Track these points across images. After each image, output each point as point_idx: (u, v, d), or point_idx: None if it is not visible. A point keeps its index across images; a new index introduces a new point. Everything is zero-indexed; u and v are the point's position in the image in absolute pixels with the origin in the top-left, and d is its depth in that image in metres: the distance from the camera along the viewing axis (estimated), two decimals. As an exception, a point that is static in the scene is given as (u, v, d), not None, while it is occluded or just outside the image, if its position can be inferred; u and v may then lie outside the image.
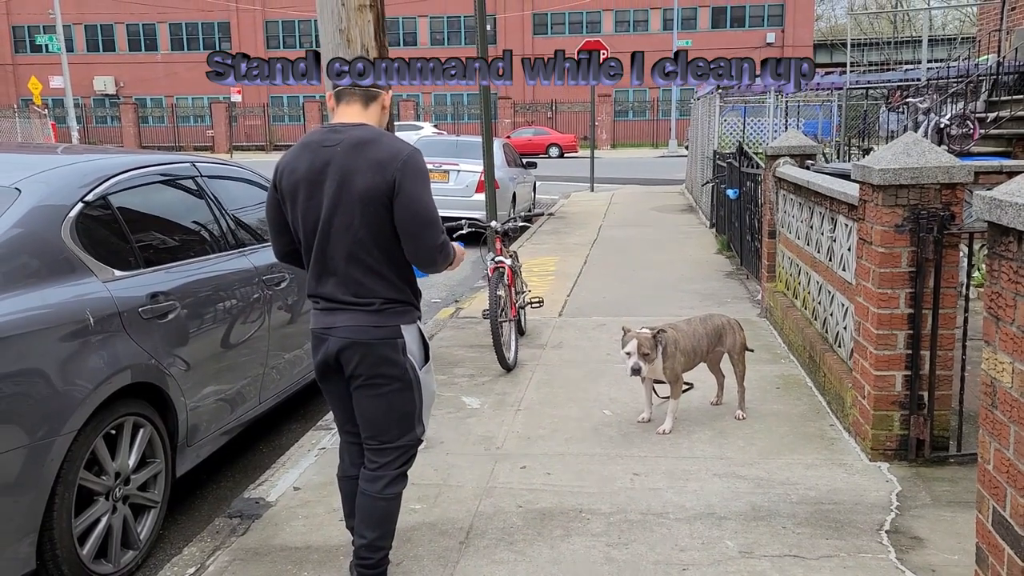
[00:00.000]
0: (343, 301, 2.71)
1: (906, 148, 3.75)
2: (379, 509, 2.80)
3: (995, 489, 2.51)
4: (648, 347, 4.28)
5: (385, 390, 2.74)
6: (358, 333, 2.69)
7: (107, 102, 46.45)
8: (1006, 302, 2.40)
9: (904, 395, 3.89)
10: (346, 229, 2.65)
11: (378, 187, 2.63)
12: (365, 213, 2.64)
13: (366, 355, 2.70)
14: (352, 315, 2.70)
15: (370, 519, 2.79)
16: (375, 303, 2.70)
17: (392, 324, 2.72)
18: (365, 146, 2.67)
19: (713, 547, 3.24)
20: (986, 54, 13.46)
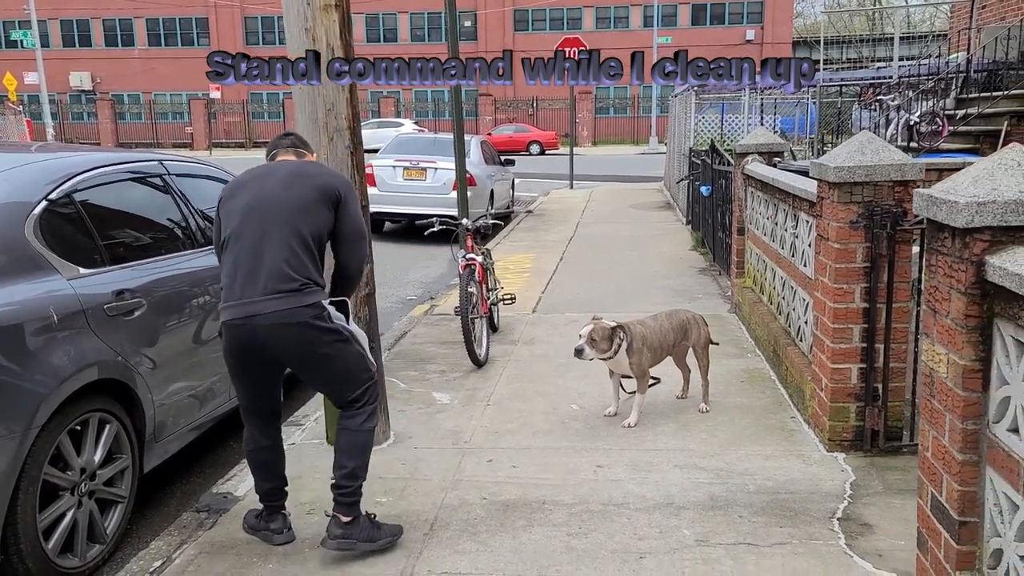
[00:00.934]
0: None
1: (860, 146, 3.85)
2: (359, 440, 3.19)
3: (933, 475, 2.60)
4: (600, 336, 4.36)
5: (333, 345, 3.08)
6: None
7: (83, 98, 46.02)
8: (942, 295, 2.49)
9: (860, 387, 3.99)
10: (283, 224, 3.02)
11: (332, 190, 3.11)
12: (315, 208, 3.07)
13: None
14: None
15: (352, 450, 3.17)
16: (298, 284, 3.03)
17: (316, 300, 3.05)
18: (307, 166, 3.20)
19: (670, 536, 3.32)
20: (957, 52, 13.67)
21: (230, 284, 2.99)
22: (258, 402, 3.20)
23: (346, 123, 4.03)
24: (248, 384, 3.16)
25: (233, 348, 3.03)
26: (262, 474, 3.29)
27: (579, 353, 4.38)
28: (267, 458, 3.28)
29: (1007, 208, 2.22)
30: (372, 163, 12.81)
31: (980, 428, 2.38)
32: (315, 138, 4.00)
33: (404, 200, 12.30)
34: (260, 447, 3.26)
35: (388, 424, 4.45)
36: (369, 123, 37.76)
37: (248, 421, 3.25)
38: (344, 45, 3.98)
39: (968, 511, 2.43)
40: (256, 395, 3.19)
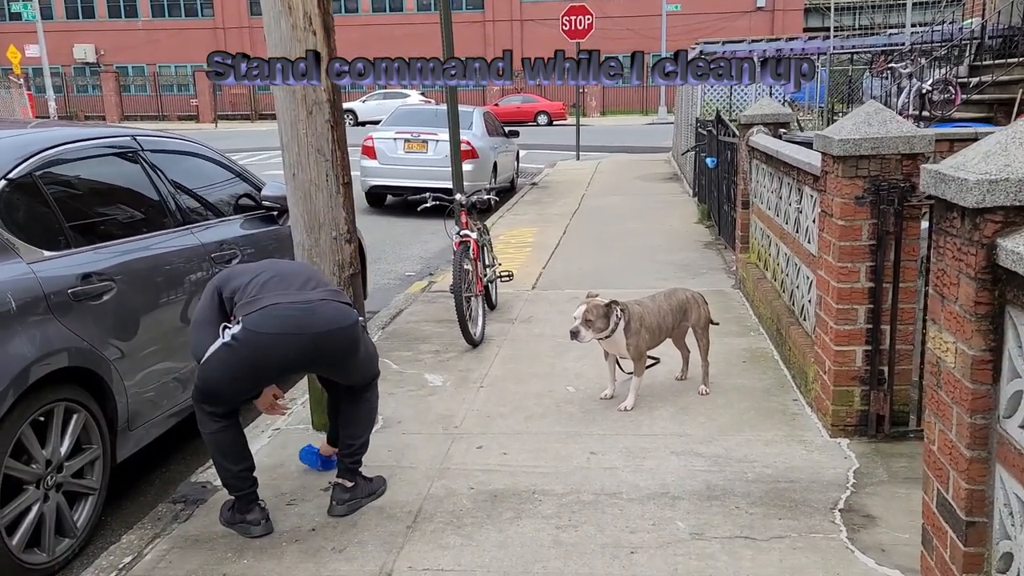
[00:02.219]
0: None
1: (867, 117, 3.64)
2: (371, 411, 3.46)
3: (939, 471, 2.44)
4: (595, 315, 4.19)
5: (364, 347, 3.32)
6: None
7: (88, 71, 45.67)
8: (950, 280, 2.31)
9: (864, 370, 3.82)
10: None
11: None
12: None
13: None
14: None
15: (364, 420, 3.42)
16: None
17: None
18: None
19: (664, 528, 3.18)
20: (971, 17, 13.27)
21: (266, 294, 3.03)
22: (235, 403, 3.17)
23: (326, 95, 3.84)
24: (242, 387, 3.13)
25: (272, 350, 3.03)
26: (231, 456, 3.16)
27: (575, 335, 4.22)
28: (233, 435, 3.15)
29: (1021, 186, 2.02)
30: (372, 135, 12.61)
31: (990, 423, 2.21)
32: (293, 111, 3.82)
33: (405, 173, 12.09)
34: (225, 426, 3.12)
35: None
36: (375, 95, 37.39)
37: (207, 411, 3.11)
38: (322, 12, 3.79)
39: (976, 511, 2.27)
40: (241, 396, 3.18)
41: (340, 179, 3.94)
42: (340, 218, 3.96)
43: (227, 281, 3.15)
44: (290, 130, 3.86)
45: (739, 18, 40.93)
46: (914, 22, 15.27)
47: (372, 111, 34.12)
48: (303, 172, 3.88)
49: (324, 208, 3.92)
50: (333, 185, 3.92)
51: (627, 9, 41.23)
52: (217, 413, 3.10)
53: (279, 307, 2.97)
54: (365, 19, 43.87)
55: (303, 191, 3.91)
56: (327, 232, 3.94)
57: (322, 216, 3.92)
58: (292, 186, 3.93)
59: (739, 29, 38.16)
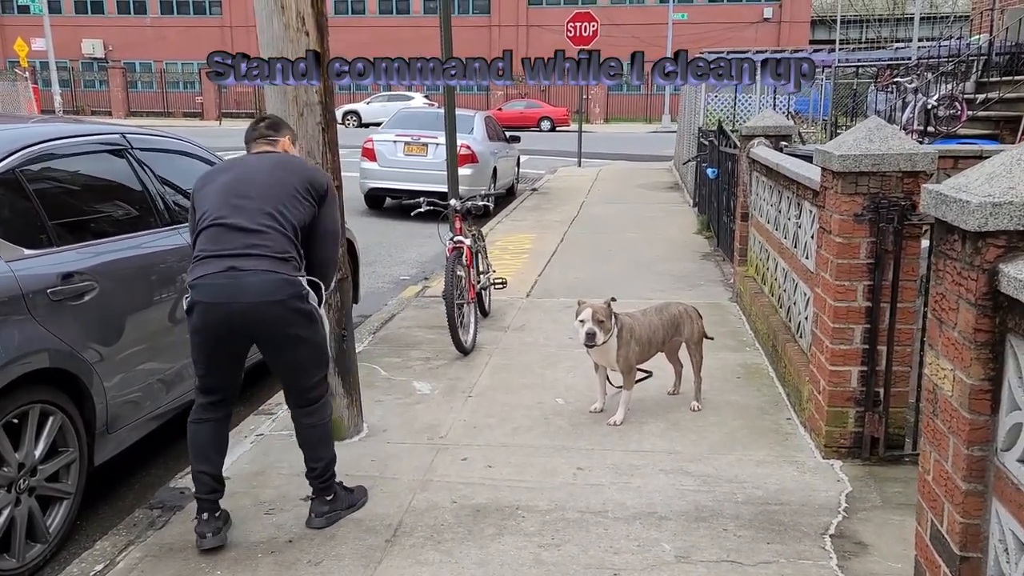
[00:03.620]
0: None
1: (868, 133, 3.56)
2: (323, 433, 3.26)
3: (933, 502, 2.36)
4: (603, 314, 4.12)
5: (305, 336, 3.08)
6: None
7: (95, 66, 45.66)
8: (949, 305, 2.23)
9: (860, 391, 3.74)
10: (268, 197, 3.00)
11: (318, 185, 3.12)
12: (301, 197, 3.05)
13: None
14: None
15: (319, 444, 3.25)
16: (282, 255, 3.01)
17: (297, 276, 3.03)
18: (293, 159, 3.22)
19: (649, 550, 3.09)
20: (979, 34, 13.21)
21: (204, 259, 2.93)
22: (214, 379, 3.12)
23: (317, 97, 3.78)
24: (207, 360, 3.08)
25: (202, 320, 2.97)
26: (194, 453, 3.13)
27: (591, 337, 4.09)
28: (206, 435, 3.12)
29: (1026, 210, 1.95)
30: (373, 138, 12.55)
31: (987, 456, 2.13)
32: (284, 113, 3.75)
33: (404, 176, 12.02)
34: (202, 419, 3.13)
35: (361, 417, 4.24)
36: (379, 96, 37.35)
37: (199, 393, 3.15)
38: (316, 13, 3.72)
39: (971, 546, 2.19)
40: (213, 372, 3.10)
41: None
42: (329, 222, 3.88)
43: (195, 197, 3.10)
44: (280, 131, 3.78)
45: (745, 29, 40.89)
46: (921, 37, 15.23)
47: (376, 113, 34.08)
48: (293, 174, 3.80)
49: (313, 211, 3.83)
50: (323, 188, 3.84)
51: (633, 17, 41.20)
52: (204, 401, 3.12)
53: (208, 277, 2.90)
54: (372, 21, 43.88)
55: (292, 194, 3.82)
56: (316, 236, 3.86)
57: (311, 220, 3.84)
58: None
59: (745, 40, 38.15)
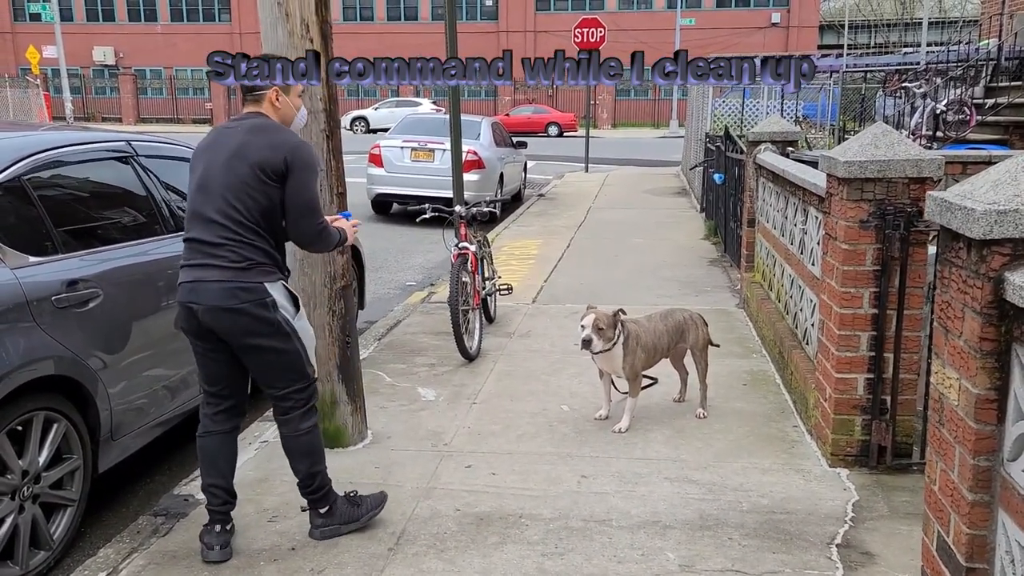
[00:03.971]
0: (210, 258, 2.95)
1: (874, 139, 3.54)
2: (302, 444, 3.14)
3: (940, 512, 2.33)
4: (605, 323, 4.09)
5: (265, 344, 2.97)
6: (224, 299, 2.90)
7: (106, 72, 45.99)
8: (955, 313, 2.21)
9: (866, 399, 3.71)
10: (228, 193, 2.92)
11: (271, 163, 2.91)
12: (255, 182, 2.91)
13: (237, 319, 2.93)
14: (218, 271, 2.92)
15: (297, 454, 3.15)
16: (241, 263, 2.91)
17: (258, 282, 2.93)
18: (260, 130, 3.01)
19: (652, 559, 3.07)
20: (988, 38, 13.14)
21: (183, 267, 2.98)
22: (214, 384, 3.11)
23: (322, 104, 3.79)
24: (202, 363, 3.10)
25: (181, 321, 3.05)
26: (203, 465, 3.15)
27: (587, 344, 4.08)
28: (213, 447, 3.12)
29: (1032, 218, 1.93)
30: (380, 143, 12.59)
31: (993, 466, 2.11)
32: (288, 120, 3.76)
33: (411, 182, 12.03)
34: (209, 432, 3.13)
35: (365, 424, 4.23)
36: (387, 102, 37.48)
37: (203, 402, 3.16)
38: (320, 21, 3.74)
39: (977, 557, 2.16)
40: (210, 376, 3.10)
41: (334, 189, 3.88)
42: (333, 229, 3.88)
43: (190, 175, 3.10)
44: (285, 138, 3.79)
45: (753, 34, 40.85)
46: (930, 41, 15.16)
47: (384, 118, 34.17)
48: (297, 181, 3.80)
49: (317, 218, 3.84)
50: (327, 195, 3.84)
51: (640, 22, 41.23)
52: (208, 411, 3.12)
53: (182, 284, 2.95)
54: (380, 27, 44.05)
55: (296, 201, 3.83)
56: (320, 243, 3.86)
57: (315, 226, 3.84)
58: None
59: (753, 45, 38.13)
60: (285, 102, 3.16)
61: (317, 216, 3.01)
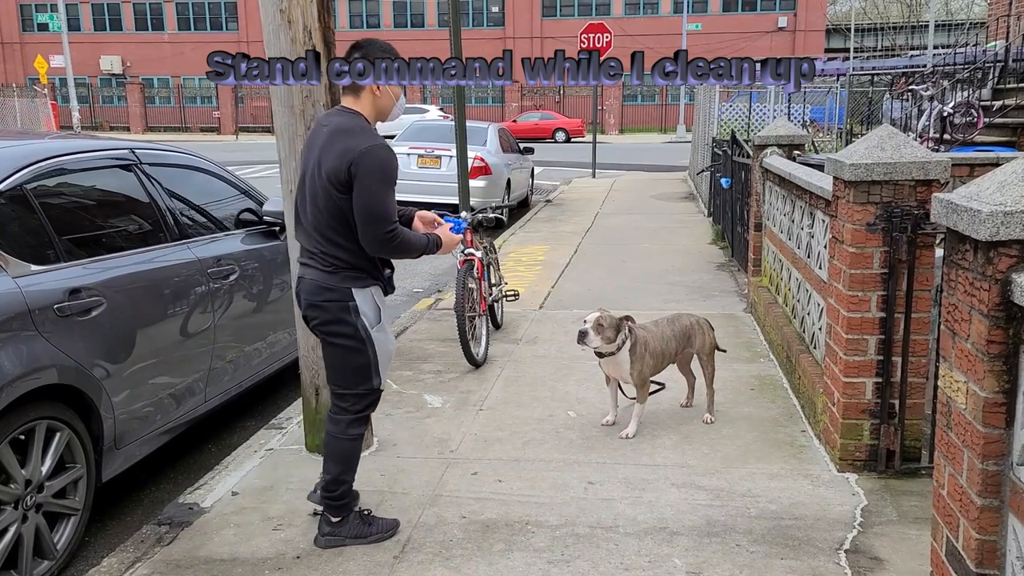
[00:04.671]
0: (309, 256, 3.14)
1: (880, 142, 3.52)
2: (342, 448, 3.19)
3: (948, 517, 2.30)
4: (607, 323, 4.07)
5: (339, 343, 3.08)
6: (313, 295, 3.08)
7: (114, 82, 46.29)
8: (962, 316, 2.18)
9: (875, 403, 3.67)
10: (313, 200, 3.06)
11: (337, 172, 2.96)
12: (325, 191, 3.00)
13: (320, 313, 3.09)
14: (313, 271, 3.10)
15: (333, 455, 3.20)
16: (328, 267, 3.05)
17: (344, 287, 3.04)
18: (339, 134, 3.05)
19: (660, 566, 3.04)
20: (995, 40, 13.08)
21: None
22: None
23: (324, 111, 3.78)
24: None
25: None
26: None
27: (583, 337, 4.04)
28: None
29: (1039, 219, 1.90)
30: (386, 150, 12.57)
31: (1002, 470, 2.08)
32: (291, 126, 3.77)
33: (417, 188, 12.02)
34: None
35: (371, 431, 4.21)
36: (394, 109, 37.53)
37: None
38: (323, 27, 3.74)
39: (987, 562, 2.13)
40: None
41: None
42: (337, 236, 3.88)
43: None
44: (288, 145, 3.80)
45: (760, 38, 40.79)
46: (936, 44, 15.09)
47: (391, 126, 34.02)
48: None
49: (321, 225, 3.83)
50: (331, 202, 3.83)
51: (647, 27, 41.24)
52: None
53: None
54: (387, 34, 44.20)
55: (300, 207, 3.82)
56: (323, 250, 3.85)
57: (319, 233, 3.83)
58: (289, 202, 3.85)
59: (760, 49, 38.06)
60: (386, 91, 3.20)
61: (384, 223, 2.98)
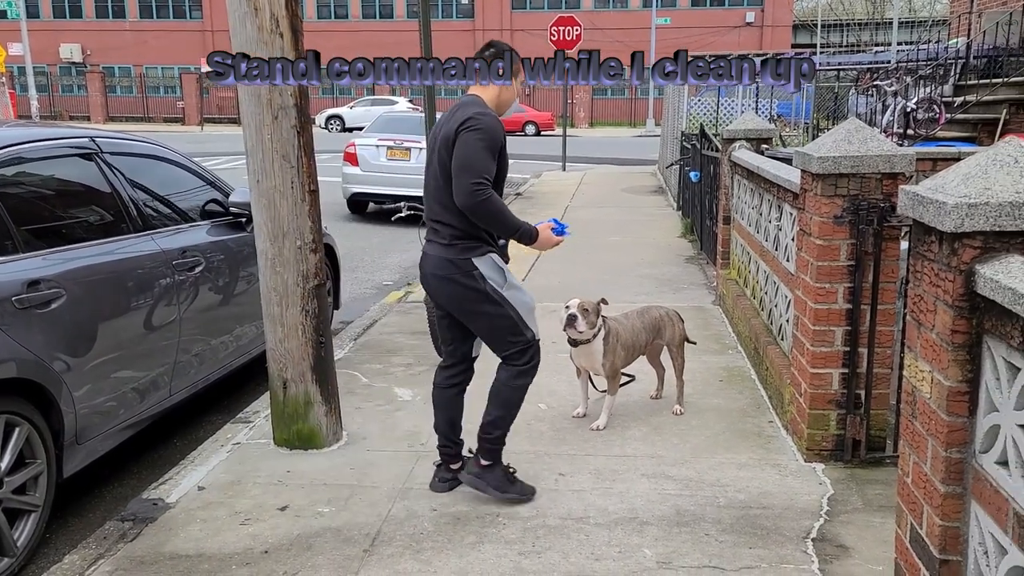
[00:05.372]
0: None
1: (847, 135, 3.56)
2: (506, 393, 3.43)
3: (913, 505, 2.34)
4: (590, 308, 4.08)
5: (479, 310, 3.28)
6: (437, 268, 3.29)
7: (73, 70, 45.30)
8: (927, 306, 2.21)
9: (841, 394, 3.72)
10: (434, 174, 3.26)
11: (448, 136, 3.14)
12: (441, 160, 3.19)
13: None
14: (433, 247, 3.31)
15: (497, 399, 3.44)
16: (446, 241, 3.24)
17: (463, 258, 3.22)
18: (457, 108, 3.25)
19: (630, 556, 3.06)
20: (957, 37, 13.32)
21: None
22: (447, 344, 3.57)
23: (292, 99, 3.73)
24: (438, 325, 3.58)
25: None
26: (437, 417, 3.59)
27: (572, 320, 4.03)
28: (438, 400, 3.57)
29: (1001, 211, 1.93)
30: (355, 142, 12.49)
31: (965, 458, 2.11)
32: (258, 115, 3.71)
33: (387, 181, 11.96)
34: (437, 385, 3.59)
35: (340, 424, 4.18)
36: (363, 100, 37.25)
37: (441, 361, 3.63)
38: (290, 15, 3.68)
39: (950, 549, 2.17)
40: (444, 337, 3.56)
41: (306, 186, 3.82)
42: (305, 227, 3.84)
43: None
44: (255, 135, 3.74)
45: (728, 33, 41.12)
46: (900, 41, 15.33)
47: (359, 117, 33.95)
48: (267, 179, 3.76)
49: (289, 216, 3.79)
50: (299, 192, 3.79)
51: (617, 21, 41.38)
52: (439, 367, 3.61)
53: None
54: (354, 25, 43.82)
55: (267, 198, 3.78)
56: (291, 241, 3.81)
57: (286, 224, 3.79)
58: (256, 193, 3.81)
59: (728, 44, 38.38)
60: (511, 88, 3.35)
61: (474, 174, 3.03)
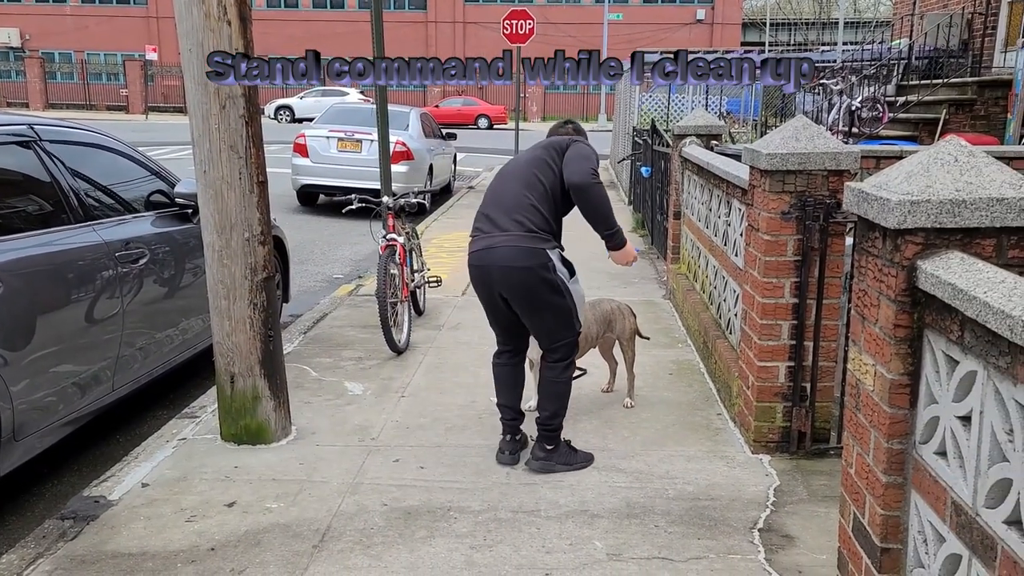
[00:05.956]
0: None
1: (795, 132, 3.62)
2: (558, 389, 3.69)
3: (856, 495, 2.40)
4: None
5: (549, 299, 3.55)
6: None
7: (11, 55, 43.73)
8: (871, 301, 2.27)
9: (787, 387, 3.80)
10: (514, 178, 3.64)
11: (559, 143, 3.66)
12: (540, 160, 3.63)
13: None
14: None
15: (551, 397, 3.69)
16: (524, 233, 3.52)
17: (540, 248, 3.50)
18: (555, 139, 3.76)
19: (581, 548, 3.08)
20: (899, 38, 13.67)
21: (476, 226, 3.60)
22: (504, 331, 3.76)
23: (240, 89, 3.65)
24: (488, 313, 3.73)
25: (474, 282, 3.64)
26: (497, 387, 3.84)
27: None
28: (502, 374, 3.81)
29: (942, 208, 1.99)
30: (305, 133, 12.30)
31: (906, 448, 2.17)
32: (205, 104, 3.62)
33: (337, 172, 11.81)
34: (498, 363, 3.82)
35: (289, 419, 4.12)
36: (313, 91, 36.69)
37: (497, 341, 3.83)
38: (238, 2, 3.60)
39: (891, 537, 2.23)
40: (500, 321, 3.72)
41: (254, 177, 3.75)
42: (254, 219, 3.77)
43: None
44: (201, 124, 3.66)
45: (678, 30, 41.57)
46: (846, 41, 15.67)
47: (310, 108, 33.47)
48: (214, 169, 3.68)
49: (236, 208, 3.72)
50: (247, 183, 3.72)
51: (569, 16, 41.47)
52: (499, 349, 3.82)
53: (474, 242, 3.57)
54: (306, 15, 43.13)
55: (214, 189, 3.70)
56: (239, 233, 3.74)
57: (234, 216, 3.72)
58: (203, 183, 3.72)
59: (679, 41, 38.77)
60: None
61: (593, 164, 3.50)
